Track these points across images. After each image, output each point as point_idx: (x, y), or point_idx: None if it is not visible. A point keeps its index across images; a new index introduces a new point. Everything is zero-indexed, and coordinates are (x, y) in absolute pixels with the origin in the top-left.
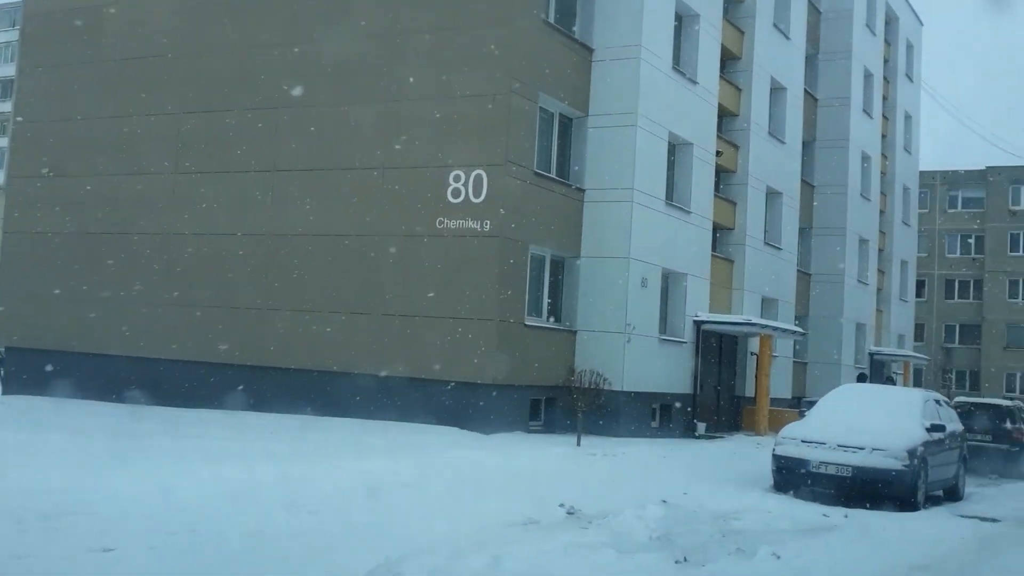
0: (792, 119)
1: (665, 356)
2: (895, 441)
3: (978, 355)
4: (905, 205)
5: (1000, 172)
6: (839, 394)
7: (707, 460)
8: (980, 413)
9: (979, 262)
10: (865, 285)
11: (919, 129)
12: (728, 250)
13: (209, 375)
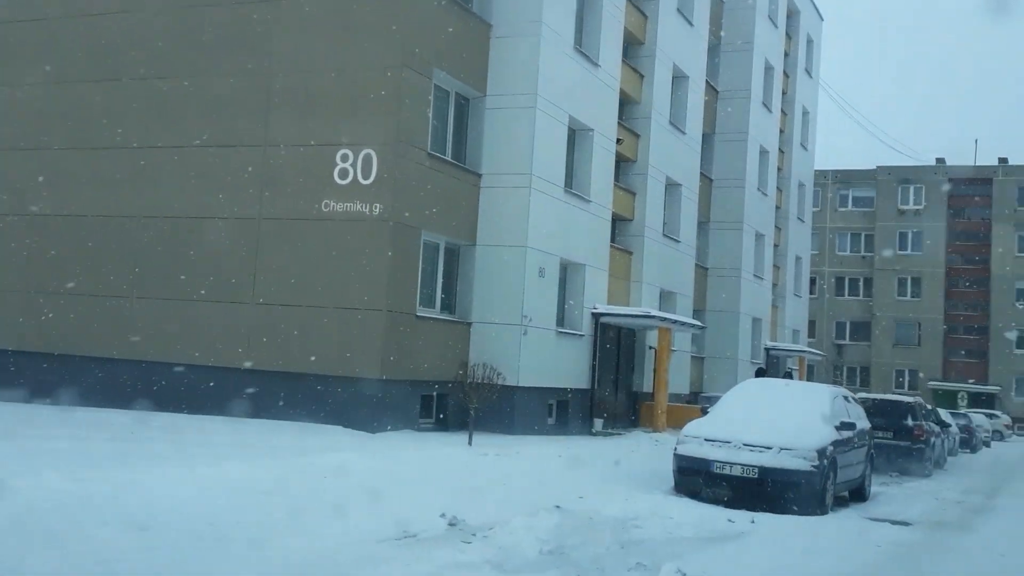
0: (693, 109)
1: (563, 349)
2: (804, 440)
3: (868, 352)
4: (800, 201)
5: (890, 172)
6: (744, 389)
7: (605, 459)
8: (883, 410)
9: (869, 260)
10: (761, 280)
11: (816, 125)
12: (627, 241)
13: (61, 367)
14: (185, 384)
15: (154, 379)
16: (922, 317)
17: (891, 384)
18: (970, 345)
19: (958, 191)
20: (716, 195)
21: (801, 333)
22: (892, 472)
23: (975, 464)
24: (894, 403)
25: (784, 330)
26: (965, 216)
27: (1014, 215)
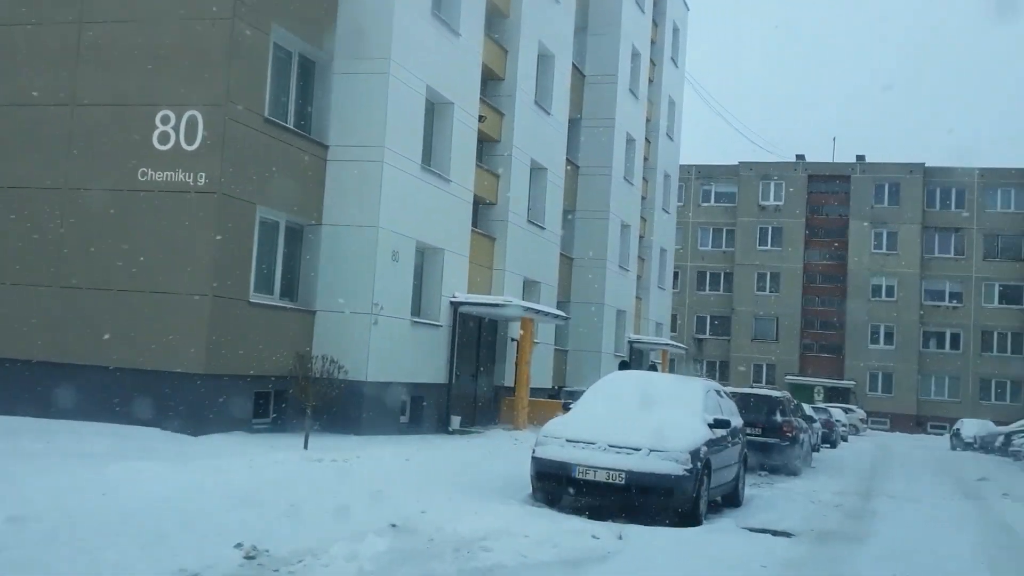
0: (559, 91)
1: (418, 341)
2: (676, 441)
3: (728, 346)
4: (666, 192)
5: (751, 168)
6: (610, 383)
7: (458, 462)
8: (750, 405)
9: (730, 255)
10: (626, 271)
11: (682, 116)
12: (490, 226)
13: None
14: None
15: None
16: (780, 312)
17: (749, 379)
18: (826, 340)
19: (817, 188)
20: (582, 182)
21: (664, 326)
22: (761, 471)
23: (839, 460)
24: (762, 398)
25: (648, 323)
26: (823, 213)
27: (870, 212)
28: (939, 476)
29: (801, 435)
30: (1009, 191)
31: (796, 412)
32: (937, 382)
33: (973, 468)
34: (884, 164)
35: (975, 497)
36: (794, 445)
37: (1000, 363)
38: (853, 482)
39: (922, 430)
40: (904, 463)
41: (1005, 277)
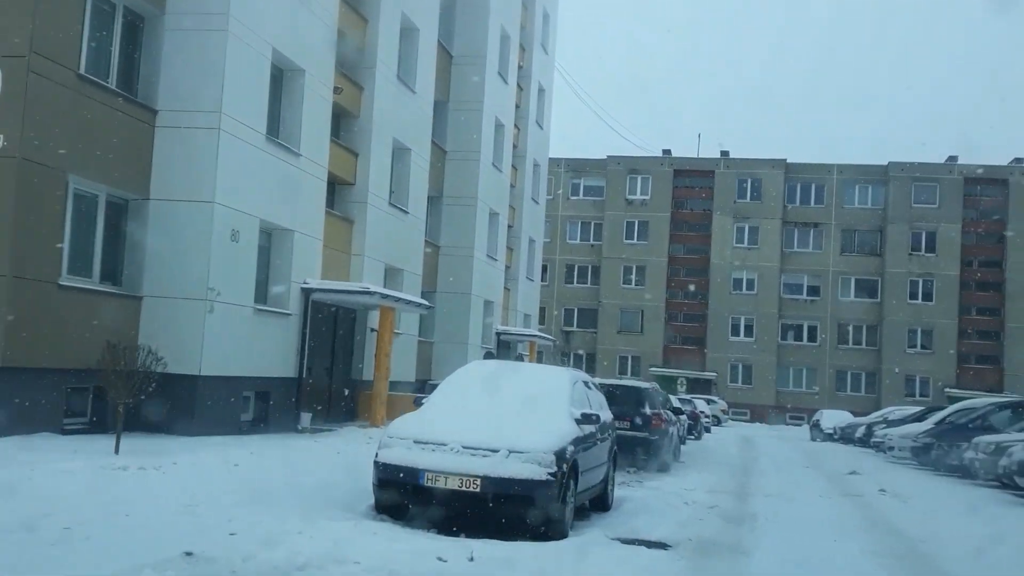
0: (425, 68)
1: (263, 331)
2: (539, 440)
3: (594, 338)
4: (535, 181)
5: (619, 162)
6: (467, 375)
7: (297, 466)
8: (617, 396)
9: (597, 249)
10: (495, 261)
11: (552, 105)
12: (348, 208)
13: None
14: None
15: None
16: (645, 305)
17: (615, 370)
18: (689, 332)
19: (682, 183)
20: (450, 168)
21: (532, 318)
22: (629, 467)
23: (706, 453)
24: (629, 389)
25: (516, 314)
26: (688, 207)
27: (733, 207)
28: (809, 470)
29: (671, 428)
30: (866, 188)
31: (665, 404)
32: (795, 373)
33: (840, 460)
34: (747, 160)
35: (853, 494)
36: (664, 439)
37: (855, 355)
38: (725, 478)
39: (780, 420)
40: (771, 455)
41: (860, 271)
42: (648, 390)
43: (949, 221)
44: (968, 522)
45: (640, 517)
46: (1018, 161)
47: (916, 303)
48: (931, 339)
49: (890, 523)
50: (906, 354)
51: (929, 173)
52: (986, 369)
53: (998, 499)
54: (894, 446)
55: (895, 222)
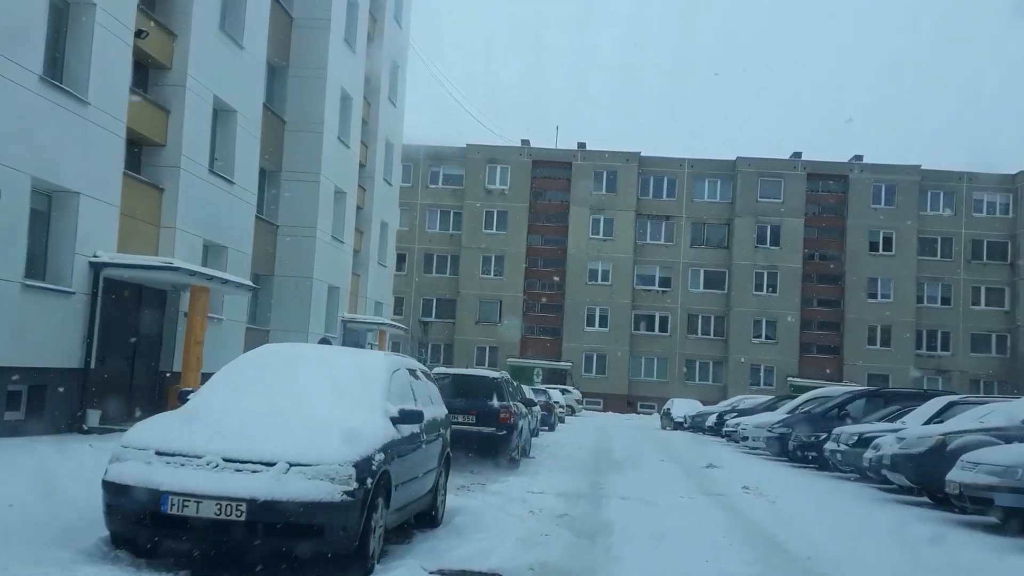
0: (255, 22)
1: (36, 312)
2: (334, 448)
3: (453, 328)
4: (388, 162)
5: (479, 151)
6: (250, 362)
7: (44, 479)
8: (463, 388)
9: (456, 238)
10: (341, 243)
11: (406, 83)
12: (157, 173)
13: None
14: None
15: None
16: (503, 295)
17: (473, 361)
18: (546, 323)
19: (541, 173)
20: (290, 140)
21: (385, 305)
22: (471, 468)
23: (559, 445)
24: (478, 379)
25: (366, 302)
26: (547, 198)
27: (590, 198)
28: (665, 463)
29: (520, 422)
30: (715, 182)
31: (516, 395)
32: (647, 363)
33: (694, 451)
34: (603, 152)
35: (715, 493)
36: (512, 434)
37: (704, 345)
38: (578, 476)
39: (632, 410)
40: (625, 447)
41: (709, 263)
42: (497, 380)
43: (793, 215)
44: (850, 529)
45: (473, 535)
46: (857, 158)
47: (761, 295)
48: (775, 330)
49: (766, 533)
50: (752, 344)
51: (774, 169)
52: (826, 359)
53: (867, 496)
54: (748, 436)
55: (742, 215)
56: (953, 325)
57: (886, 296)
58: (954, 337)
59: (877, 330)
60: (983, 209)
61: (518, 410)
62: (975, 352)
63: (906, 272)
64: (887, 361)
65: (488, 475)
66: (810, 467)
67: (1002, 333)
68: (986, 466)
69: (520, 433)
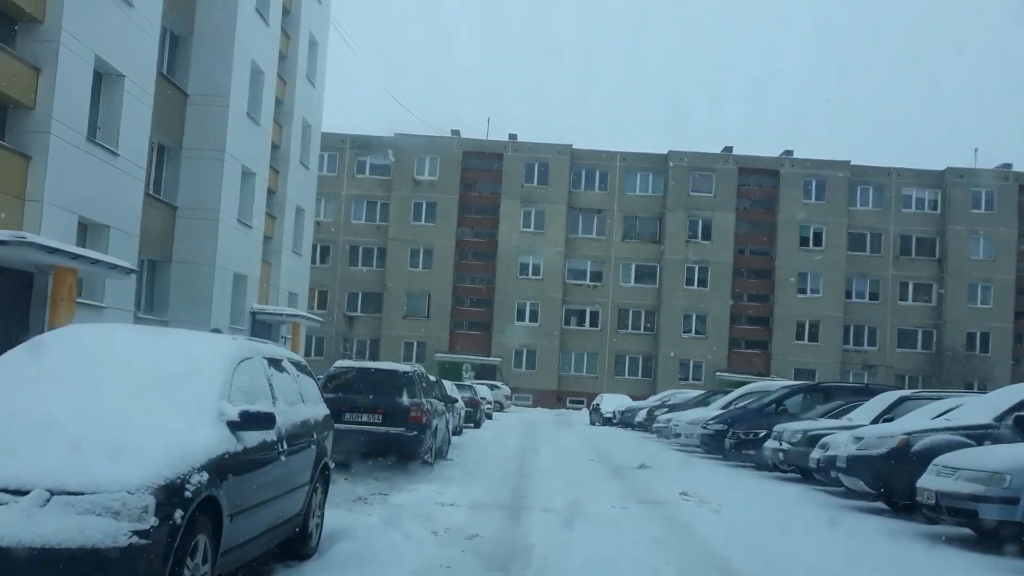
0: None
1: None
2: (118, 468)
3: (379, 323)
4: (306, 144)
5: (408, 140)
6: (32, 352)
7: None
8: (367, 383)
9: (383, 230)
10: (248, 228)
11: (327, 62)
12: (22, 139)
13: None
14: None
15: None
16: (432, 289)
17: (399, 357)
18: (476, 317)
19: (471, 164)
20: (193, 115)
21: (300, 297)
22: (378, 473)
23: (481, 444)
24: (386, 374)
25: (279, 292)
26: (477, 190)
27: (521, 191)
28: (595, 463)
29: (435, 421)
30: (647, 175)
31: (431, 391)
32: (577, 358)
33: (625, 449)
34: (535, 144)
35: (651, 501)
36: (425, 435)
37: (634, 340)
38: (497, 482)
39: (562, 405)
40: (552, 444)
41: (641, 257)
42: (408, 375)
43: (724, 210)
44: (813, 546)
45: (354, 569)
46: (788, 153)
47: (692, 289)
48: (705, 324)
49: (717, 556)
50: (681, 339)
51: (706, 163)
52: (755, 354)
53: (819, 501)
54: (681, 433)
55: (674, 210)
56: (880, 321)
57: (815, 291)
58: (881, 333)
59: (805, 325)
60: (912, 205)
61: (432, 408)
62: (901, 348)
63: (835, 267)
64: (814, 356)
65: (394, 482)
66: (747, 466)
67: (928, 329)
68: (967, 472)
69: (435, 433)
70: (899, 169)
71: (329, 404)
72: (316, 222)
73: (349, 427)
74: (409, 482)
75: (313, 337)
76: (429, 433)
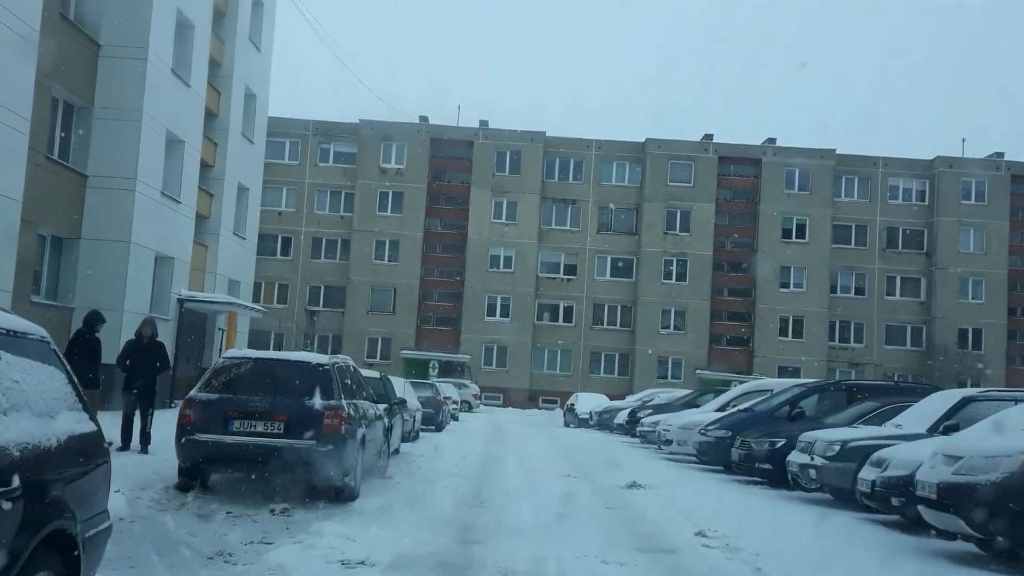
0: None
1: None
2: None
3: (342, 319)
4: (249, 115)
5: (373, 126)
6: None
7: None
8: (266, 379)
9: (348, 220)
10: (176, 203)
11: (274, 26)
12: None
13: None
14: None
15: None
16: (398, 283)
17: (363, 354)
18: (444, 312)
19: (440, 152)
20: (105, 69)
21: (245, 285)
22: (275, 505)
23: (437, 456)
24: (295, 367)
25: (217, 279)
26: (446, 179)
27: (492, 180)
28: (573, 481)
29: (361, 430)
30: (624, 164)
31: (360, 391)
32: (550, 355)
33: (608, 459)
34: (507, 131)
35: (659, 549)
36: (343, 450)
37: (610, 336)
38: (439, 519)
39: (534, 405)
40: (521, 454)
41: (617, 250)
42: (324, 368)
43: (704, 200)
44: None
45: None
46: (770, 141)
47: (670, 283)
48: (684, 320)
49: None
50: (659, 335)
51: (685, 151)
52: (736, 351)
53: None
54: (672, 439)
55: (651, 200)
56: (867, 316)
57: (798, 286)
58: (868, 329)
59: (789, 321)
60: (899, 196)
61: (358, 413)
62: (889, 344)
63: (819, 261)
64: (799, 353)
65: (293, 521)
66: (759, 483)
67: (917, 325)
68: None
69: (361, 446)
70: (886, 158)
71: (211, 407)
72: (277, 212)
73: (237, 440)
74: (315, 519)
75: (272, 333)
76: (352, 447)
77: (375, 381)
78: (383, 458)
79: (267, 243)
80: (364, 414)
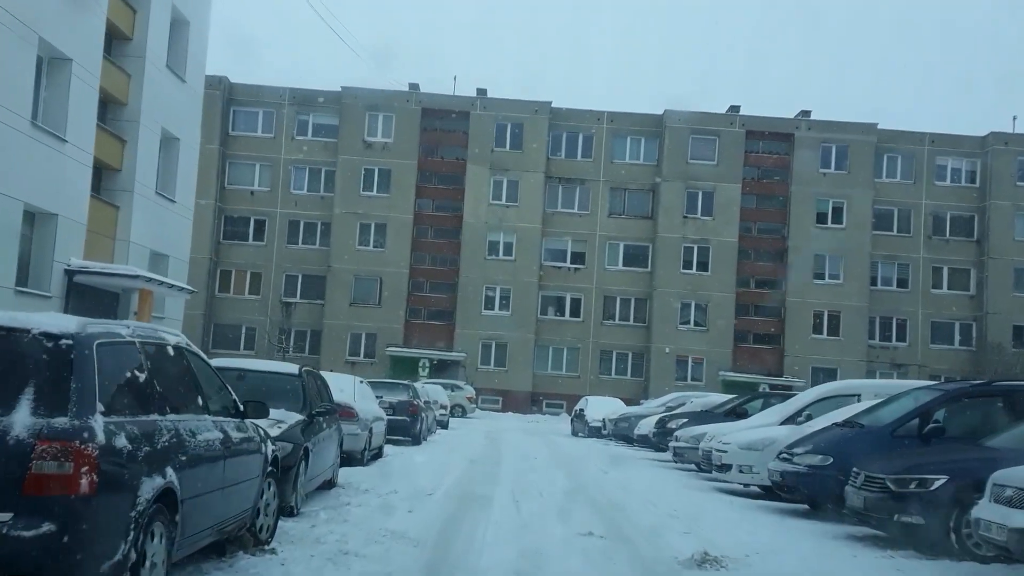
0: None
1: None
2: None
3: (321, 311)
4: (179, 46)
5: (357, 95)
6: None
7: None
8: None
9: (328, 201)
10: (60, 141)
11: None
12: None
13: None
14: None
15: None
16: (385, 272)
17: (346, 351)
18: (437, 305)
19: (433, 124)
20: None
21: (176, 260)
22: None
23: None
24: None
25: (132, 248)
26: (439, 154)
27: (491, 156)
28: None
29: (145, 481)
30: (639, 140)
31: (179, 395)
32: (555, 354)
33: (640, 492)
34: (508, 101)
35: None
36: (87, 526)
37: (622, 332)
38: None
39: (537, 409)
40: (519, 479)
41: (630, 236)
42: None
43: (729, 180)
44: None
45: None
46: (804, 114)
47: (690, 273)
48: (705, 315)
49: None
50: (678, 331)
51: (708, 124)
52: (764, 350)
53: None
54: (732, 464)
55: (669, 180)
56: (911, 311)
57: (834, 277)
58: (912, 326)
59: (823, 316)
60: (947, 177)
61: (145, 444)
62: (936, 343)
63: (858, 249)
64: (835, 353)
65: None
66: (903, 548)
67: (967, 321)
68: None
69: (143, 517)
70: (933, 134)
71: None
72: (249, 191)
73: None
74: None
75: (243, 327)
76: (115, 520)
77: (282, 378)
78: (266, 514)
79: (238, 226)
80: (173, 443)
